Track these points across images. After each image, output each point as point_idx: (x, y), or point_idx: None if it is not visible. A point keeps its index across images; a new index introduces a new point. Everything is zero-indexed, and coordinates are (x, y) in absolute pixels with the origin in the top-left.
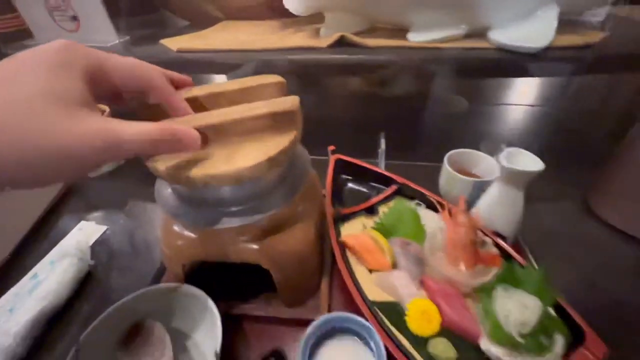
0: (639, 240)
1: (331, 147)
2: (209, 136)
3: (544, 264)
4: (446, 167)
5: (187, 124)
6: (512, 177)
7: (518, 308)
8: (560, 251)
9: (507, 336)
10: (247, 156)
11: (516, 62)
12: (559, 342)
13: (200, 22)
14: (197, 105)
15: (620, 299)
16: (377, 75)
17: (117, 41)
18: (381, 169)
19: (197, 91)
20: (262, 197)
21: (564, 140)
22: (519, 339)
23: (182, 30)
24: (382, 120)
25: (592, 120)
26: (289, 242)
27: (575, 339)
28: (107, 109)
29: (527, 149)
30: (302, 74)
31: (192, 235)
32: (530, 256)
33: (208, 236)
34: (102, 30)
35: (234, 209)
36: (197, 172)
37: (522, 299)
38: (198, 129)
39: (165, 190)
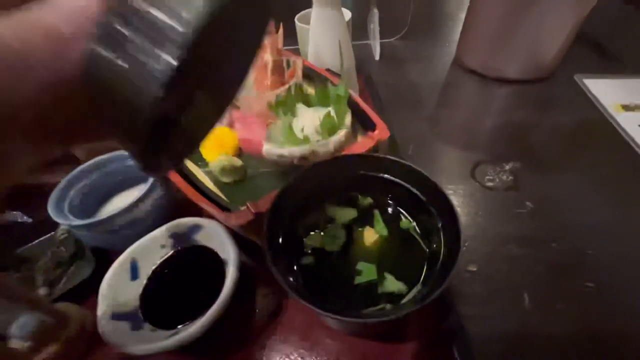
0: (490, 78)
1: None
2: None
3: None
4: (296, 23)
5: None
6: None
7: (312, 118)
8: (434, 96)
9: (297, 139)
10: None
11: None
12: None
13: None
14: None
15: (461, 104)
16: None
17: None
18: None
19: None
20: None
21: None
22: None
23: None
24: None
25: None
26: None
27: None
28: None
29: None
30: None
31: None
32: (380, 94)
33: None
34: None
35: None
36: None
37: (317, 110)
38: None
39: None
